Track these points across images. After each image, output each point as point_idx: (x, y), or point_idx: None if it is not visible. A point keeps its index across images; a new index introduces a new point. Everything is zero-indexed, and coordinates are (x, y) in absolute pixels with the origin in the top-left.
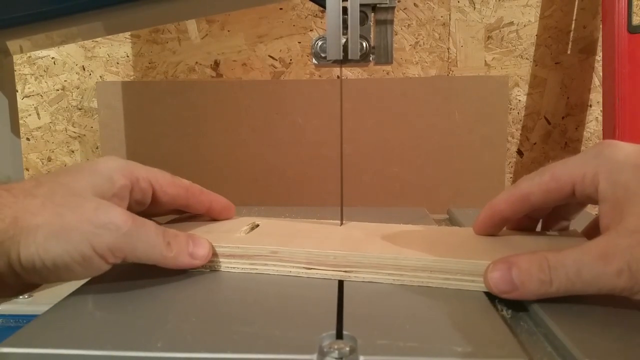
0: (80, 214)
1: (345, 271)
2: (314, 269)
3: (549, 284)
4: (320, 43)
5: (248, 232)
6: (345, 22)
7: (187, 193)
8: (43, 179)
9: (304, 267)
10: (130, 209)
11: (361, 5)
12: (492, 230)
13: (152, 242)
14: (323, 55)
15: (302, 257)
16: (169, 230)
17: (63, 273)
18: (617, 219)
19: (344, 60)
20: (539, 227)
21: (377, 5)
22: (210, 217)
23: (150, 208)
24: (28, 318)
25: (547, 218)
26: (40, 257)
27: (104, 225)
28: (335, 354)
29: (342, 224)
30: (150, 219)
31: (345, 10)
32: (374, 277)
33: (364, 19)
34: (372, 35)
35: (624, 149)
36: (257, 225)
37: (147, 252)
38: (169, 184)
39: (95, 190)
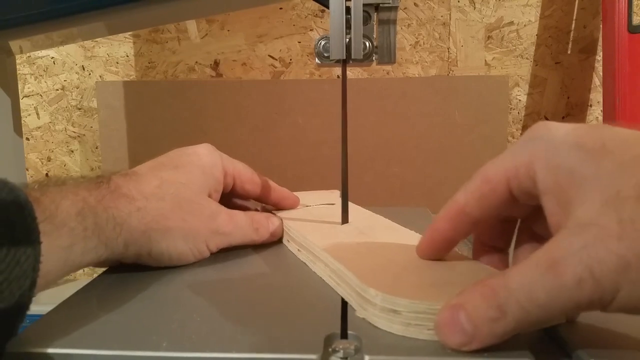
0: (200, 220)
1: (298, 249)
2: (290, 242)
3: (504, 319)
4: (323, 42)
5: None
6: (348, 21)
7: (261, 191)
8: (165, 177)
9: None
10: (210, 195)
11: (364, 4)
12: (436, 254)
13: (245, 233)
14: (326, 54)
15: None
16: (254, 217)
17: (178, 261)
18: (566, 213)
19: (347, 60)
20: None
21: (380, 5)
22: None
23: (223, 195)
24: (32, 318)
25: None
26: (168, 252)
27: (216, 230)
28: (340, 354)
29: (343, 222)
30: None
31: (348, 10)
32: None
33: (367, 19)
34: (375, 35)
35: (559, 128)
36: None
37: (241, 241)
38: (248, 181)
39: (206, 190)
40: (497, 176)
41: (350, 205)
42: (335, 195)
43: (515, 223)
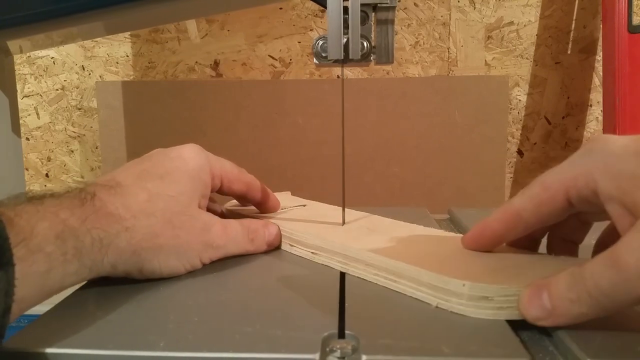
0: (193, 234)
1: (312, 252)
2: (295, 246)
3: (578, 302)
4: (321, 43)
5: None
6: (346, 21)
7: (247, 189)
8: (152, 189)
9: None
10: (199, 203)
11: (362, 4)
12: (483, 247)
13: (240, 244)
14: (324, 54)
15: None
16: (250, 226)
17: (169, 275)
18: (632, 214)
19: (345, 60)
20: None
21: (378, 4)
22: (258, 210)
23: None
24: (30, 318)
25: (552, 241)
26: (160, 269)
27: (210, 244)
28: (338, 353)
29: (343, 223)
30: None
31: (346, 9)
32: (330, 262)
33: (364, 19)
34: (373, 35)
35: (617, 141)
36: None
37: (236, 252)
38: (236, 180)
39: (196, 199)
40: (555, 184)
41: (335, 207)
42: (292, 196)
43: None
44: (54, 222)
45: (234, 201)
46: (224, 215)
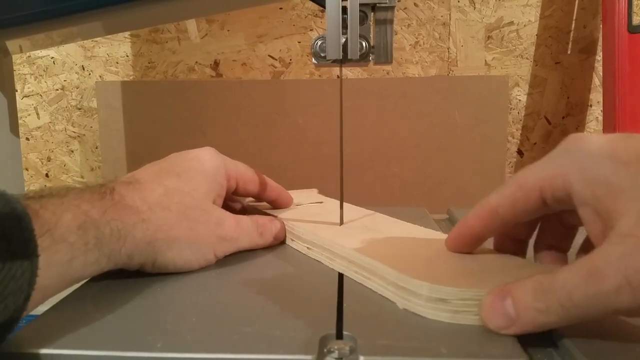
0: (207, 228)
1: (307, 247)
2: (294, 241)
3: (546, 312)
4: (320, 43)
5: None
6: (344, 21)
7: (262, 189)
8: (169, 185)
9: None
10: (214, 201)
11: (361, 4)
12: (465, 247)
13: (251, 238)
14: (323, 54)
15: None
16: (259, 220)
17: (182, 269)
18: (606, 224)
19: (344, 60)
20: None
21: (377, 4)
22: (272, 206)
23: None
24: (28, 318)
25: (538, 250)
26: (174, 261)
27: (224, 237)
28: (336, 354)
29: (341, 224)
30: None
31: (345, 9)
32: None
33: (363, 19)
34: (371, 35)
35: (593, 141)
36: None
37: (247, 246)
38: (250, 181)
39: (211, 196)
40: (530, 183)
41: (346, 204)
42: (316, 194)
43: (576, 229)
44: (76, 214)
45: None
46: (245, 211)
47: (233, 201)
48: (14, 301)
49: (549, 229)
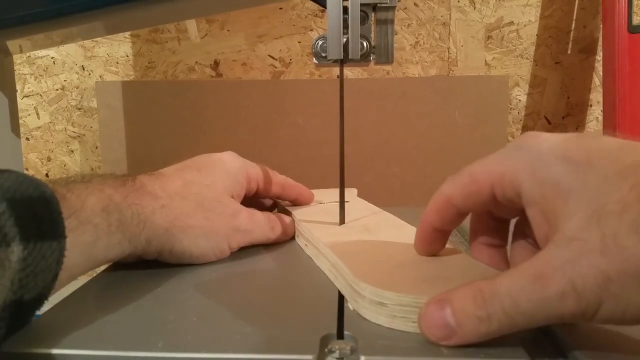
0: (223, 219)
1: (305, 244)
2: (299, 237)
3: (488, 321)
4: (320, 42)
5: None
6: (345, 21)
7: (282, 191)
8: (189, 177)
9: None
10: (232, 197)
11: (362, 4)
12: (431, 246)
13: (263, 231)
14: (324, 54)
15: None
16: (270, 215)
17: (198, 260)
18: (552, 226)
19: (345, 60)
20: None
21: (378, 4)
22: (293, 204)
23: (246, 197)
24: None
25: (474, 247)
26: (189, 250)
27: (238, 228)
28: (336, 354)
29: (341, 223)
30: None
31: (345, 9)
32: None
33: (364, 19)
34: (372, 35)
35: (547, 140)
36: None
37: (260, 239)
38: (270, 183)
39: (229, 192)
40: (482, 177)
41: (361, 201)
42: (352, 193)
43: (509, 221)
44: (100, 197)
45: None
46: (272, 208)
47: (263, 197)
48: (43, 279)
49: (480, 224)
